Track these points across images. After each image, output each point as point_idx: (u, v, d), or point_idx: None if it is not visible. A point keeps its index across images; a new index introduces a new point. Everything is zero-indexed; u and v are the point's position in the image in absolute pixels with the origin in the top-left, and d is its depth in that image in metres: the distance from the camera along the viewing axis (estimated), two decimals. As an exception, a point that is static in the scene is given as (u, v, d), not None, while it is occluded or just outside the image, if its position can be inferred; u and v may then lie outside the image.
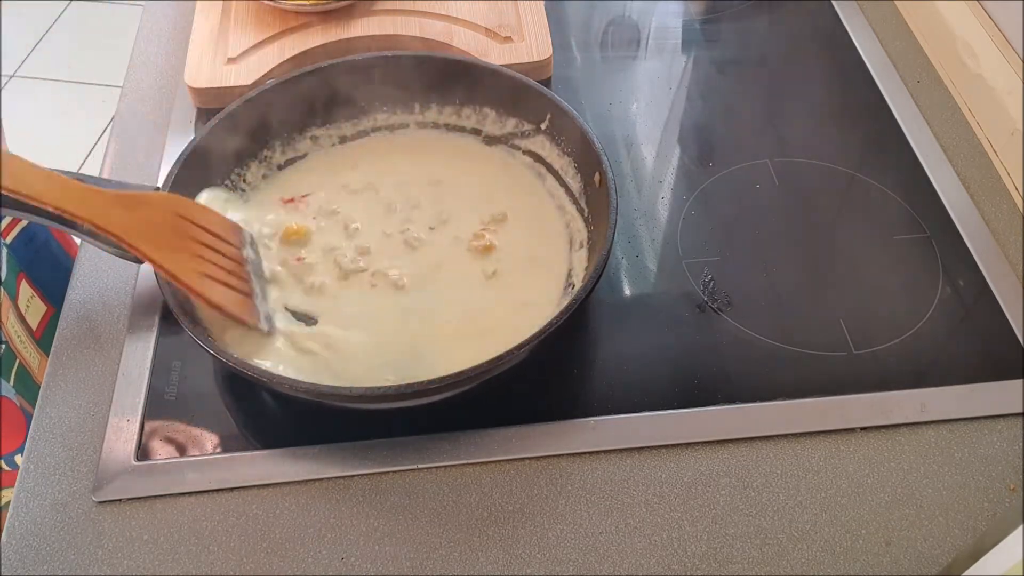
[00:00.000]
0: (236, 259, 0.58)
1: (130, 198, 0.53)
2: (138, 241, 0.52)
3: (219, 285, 0.55)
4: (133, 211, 0.52)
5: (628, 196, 0.70)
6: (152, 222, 0.53)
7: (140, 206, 0.53)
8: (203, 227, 0.56)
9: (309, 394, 0.50)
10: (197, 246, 0.55)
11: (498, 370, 0.51)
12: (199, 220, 0.56)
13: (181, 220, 0.55)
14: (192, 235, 0.55)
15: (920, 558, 0.51)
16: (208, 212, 0.58)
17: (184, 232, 0.55)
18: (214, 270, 0.55)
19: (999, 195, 0.70)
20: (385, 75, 0.67)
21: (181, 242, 0.54)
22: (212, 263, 0.55)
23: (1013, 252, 0.66)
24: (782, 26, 0.86)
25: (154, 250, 0.53)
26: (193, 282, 0.53)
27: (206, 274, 0.54)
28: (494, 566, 0.51)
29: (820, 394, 0.58)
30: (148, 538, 0.52)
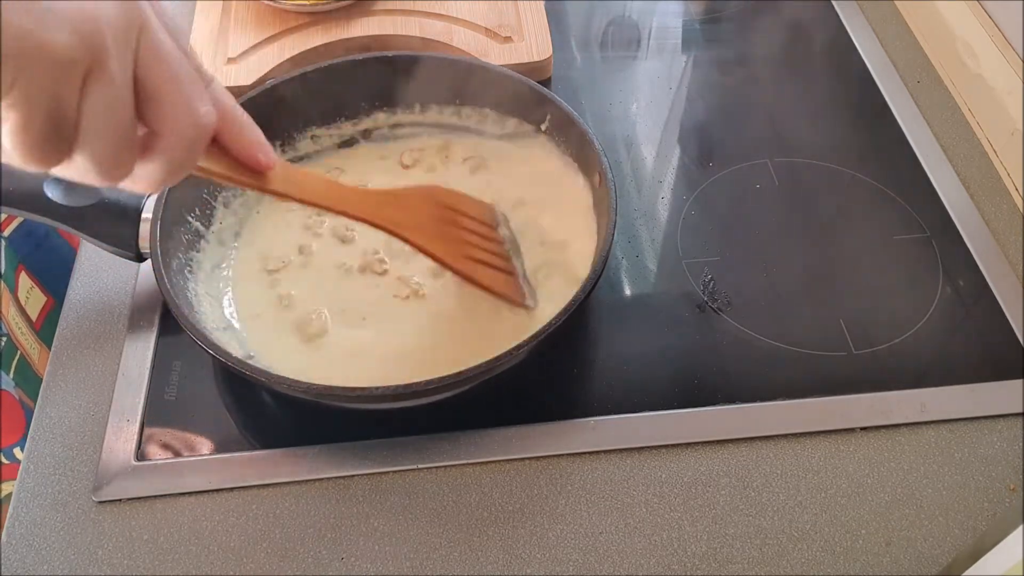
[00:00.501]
0: (496, 239, 0.59)
1: (393, 194, 0.54)
2: (412, 234, 0.53)
3: (488, 268, 0.56)
4: (401, 207, 0.53)
5: (628, 196, 0.70)
6: (417, 214, 0.54)
7: (403, 200, 0.54)
8: (463, 212, 0.57)
9: (308, 394, 0.50)
10: (461, 232, 0.56)
11: (498, 370, 0.51)
12: (458, 206, 0.57)
13: (441, 208, 0.56)
14: (454, 221, 0.56)
15: (920, 558, 0.51)
16: (464, 197, 0.58)
17: (447, 219, 0.56)
18: (480, 253, 0.56)
19: (999, 195, 0.70)
20: (385, 75, 0.67)
21: (447, 230, 0.55)
22: (477, 247, 0.56)
23: (1013, 252, 0.66)
24: (782, 26, 0.86)
25: (427, 241, 0.53)
26: (466, 268, 0.55)
27: (474, 258, 0.56)
28: (494, 566, 0.51)
29: (820, 394, 0.58)
30: (148, 538, 0.52)
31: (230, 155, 0.41)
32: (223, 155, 0.41)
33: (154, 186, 0.37)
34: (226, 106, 0.39)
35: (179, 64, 0.35)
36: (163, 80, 0.34)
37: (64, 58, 0.30)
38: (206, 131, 0.37)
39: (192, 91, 0.35)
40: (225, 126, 0.39)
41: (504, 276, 0.57)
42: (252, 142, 0.41)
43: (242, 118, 0.41)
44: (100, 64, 0.31)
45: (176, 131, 0.35)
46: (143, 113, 0.34)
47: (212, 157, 0.40)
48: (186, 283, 0.58)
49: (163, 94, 0.34)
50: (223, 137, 0.40)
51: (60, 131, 0.32)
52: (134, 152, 0.35)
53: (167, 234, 0.57)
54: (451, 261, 0.54)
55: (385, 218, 0.52)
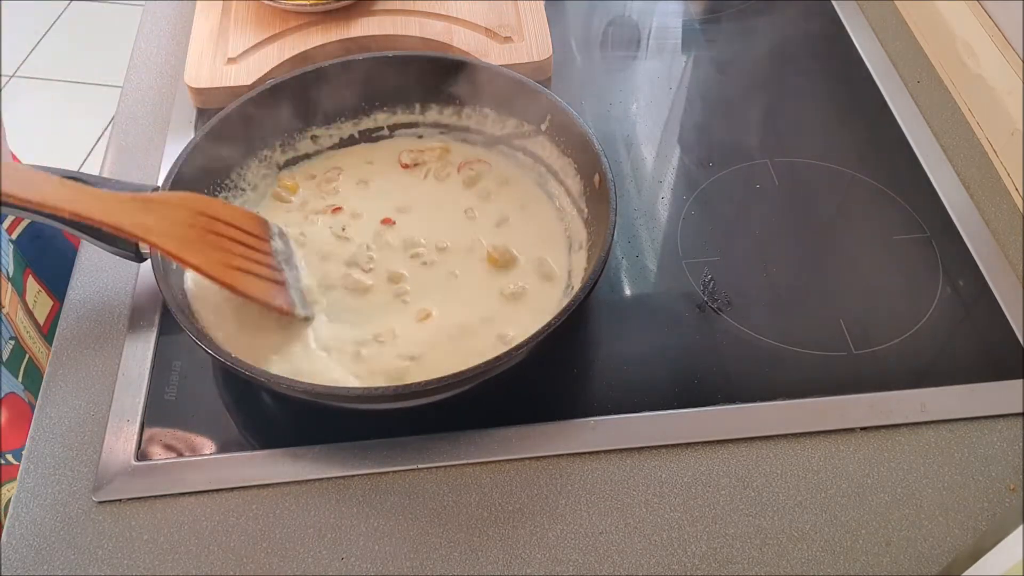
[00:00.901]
0: (263, 250, 0.58)
1: (148, 200, 0.54)
2: (159, 239, 0.52)
3: (249, 276, 0.55)
4: (153, 212, 0.53)
5: (628, 196, 0.70)
6: (173, 221, 0.54)
7: (159, 206, 0.54)
8: (226, 222, 0.57)
9: (308, 394, 0.50)
10: (221, 240, 0.56)
11: (498, 370, 0.51)
12: (221, 216, 0.57)
13: (202, 217, 0.56)
14: (215, 230, 0.56)
15: (920, 558, 0.51)
16: (229, 207, 0.59)
17: (207, 228, 0.55)
18: (241, 262, 0.56)
19: (999, 195, 0.70)
20: (385, 75, 0.67)
21: (205, 237, 0.55)
22: (239, 256, 0.56)
23: (1013, 252, 0.66)
24: (782, 26, 0.86)
25: (179, 247, 0.53)
26: (222, 274, 0.54)
27: (234, 266, 0.55)
28: (494, 566, 0.51)
29: (820, 394, 0.58)
30: (148, 538, 0.52)
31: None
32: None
33: None
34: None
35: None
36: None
37: None
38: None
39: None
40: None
41: (270, 285, 0.57)
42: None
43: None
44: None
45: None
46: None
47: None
48: (186, 283, 0.58)
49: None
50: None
51: None
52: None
53: (167, 234, 0.57)
54: (210, 270, 0.54)
55: (135, 224, 0.51)
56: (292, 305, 0.57)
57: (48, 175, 0.50)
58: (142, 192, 0.56)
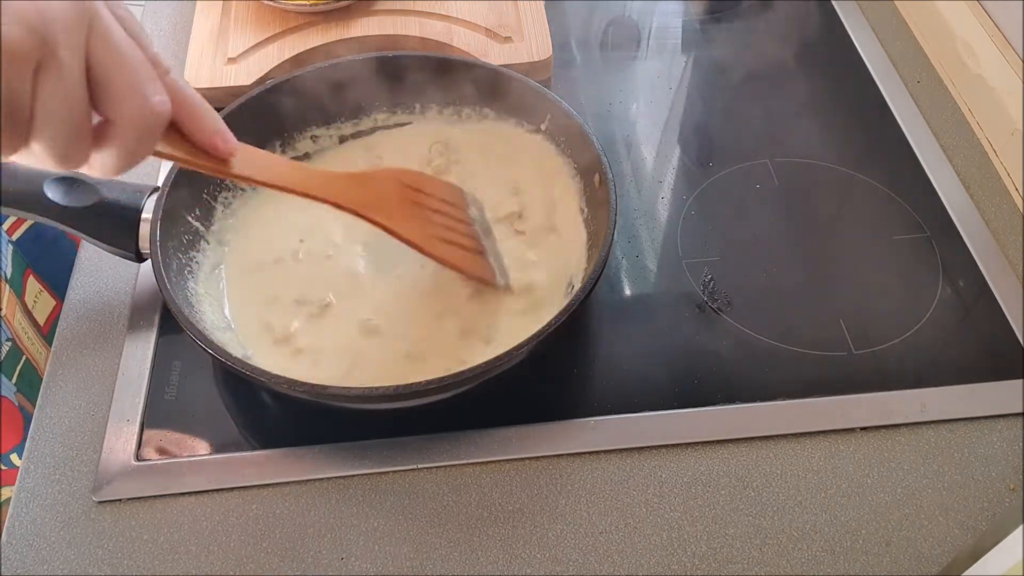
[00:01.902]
0: (464, 220, 0.59)
1: (362, 177, 0.54)
2: (375, 214, 0.53)
3: (455, 247, 0.56)
4: (365, 188, 0.53)
5: (628, 196, 0.70)
6: (383, 195, 0.54)
7: (369, 182, 0.54)
8: (430, 193, 0.57)
9: (308, 394, 0.50)
10: (427, 212, 0.56)
11: (498, 370, 0.51)
12: (424, 187, 0.57)
13: (408, 189, 0.56)
14: (421, 202, 0.56)
15: (920, 558, 0.51)
16: (430, 179, 0.59)
17: (414, 200, 0.56)
18: (447, 233, 0.56)
19: (999, 195, 0.70)
20: (385, 75, 0.67)
21: (412, 210, 0.55)
22: (444, 227, 0.56)
23: (1013, 252, 0.66)
24: (782, 26, 0.86)
25: (394, 223, 0.54)
26: (435, 248, 0.55)
27: (443, 238, 0.56)
28: (494, 566, 0.51)
29: (820, 394, 0.58)
30: (148, 538, 0.52)
31: (190, 141, 0.42)
32: (183, 141, 0.42)
33: (111, 172, 0.38)
34: (184, 94, 0.40)
35: (130, 54, 0.36)
36: (114, 70, 0.35)
37: (15, 50, 0.32)
38: (160, 119, 0.37)
39: (144, 80, 0.36)
40: (184, 113, 0.40)
41: (473, 256, 0.57)
42: (211, 129, 0.42)
43: (200, 106, 0.41)
44: (51, 56, 0.33)
45: (129, 119, 0.36)
46: (97, 102, 0.35)
47: (172, 143, 0.41)
48: (186, 283, 0.58)
49: (115, 83, 0.35)
50: (183, 124, 0.41)
51: (15, 120, 0.33)
52: (89, 140, 0.36)
53: (167, 234, 0.57)
54: (419, 242, 0.54)
55: (351, 200, 0.52)
56: (493, 274, 0.58)
57: (272, 155, 0.50)
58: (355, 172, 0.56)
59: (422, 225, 0.55)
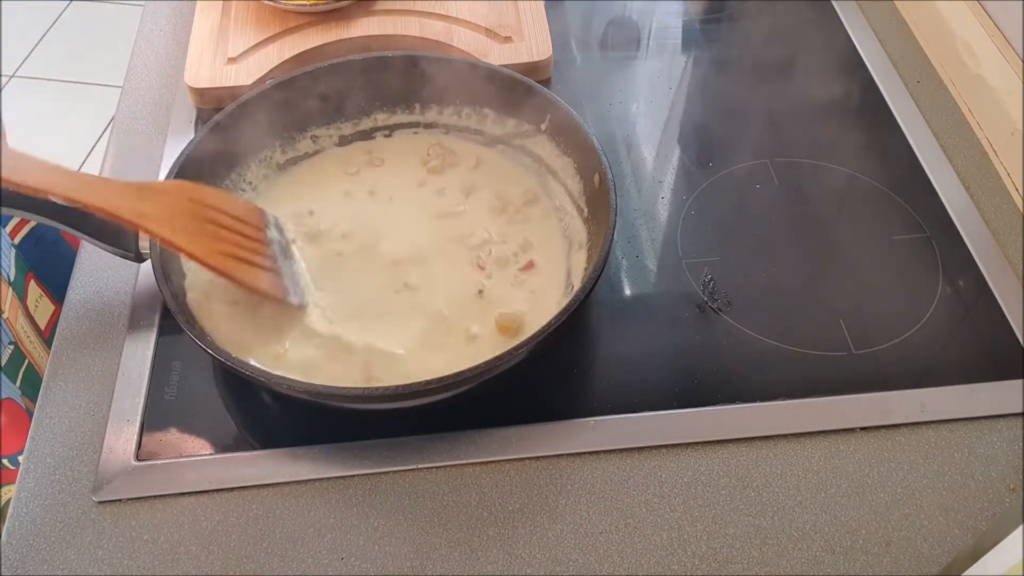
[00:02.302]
0: (259, 239, 0.58)
1: (145, 187, 0.54)
2: (155, 226, 0.52)
3: (242, 263, 0.55)
4: (149, 199, 0.53)
5: (628, 196, 0.70)
6: (169, 208, 0.54)
7: (155, 194, 0.54)
8: (221, 210, 0.57)
9: (307, 394, 0.50)
10: (217, 229, 0.56)
11: (498, 370, 0.51)
12: (217, 204, 0.57)
13: (198, 205, 0.56)
14: (211, 218, 0.56)
15: (920, 558, 0.51)
16: (225, 196, 0.59)
17: (203, 216, 0.55)
18: (237, 250, 0.56)
19: (999, 195, 0.70)
20: (385, 75, 0.67)
21: (200, 226, 0.55)
22: (234, 244, 0.56)
23: (1013, 252, 0.66)
24: (782, 26, 0.86)
25: (172, 234, 0.53)
26: (217, 262, 0.54)
27: (228, 253, 0.55)
28: (494, 566, 0.51)
29: (820, 394, 0.58)
30: (148, 538, 0.52)
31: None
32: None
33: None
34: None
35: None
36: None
37: None
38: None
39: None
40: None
41: (263, 273, 0.57)
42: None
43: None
44: None
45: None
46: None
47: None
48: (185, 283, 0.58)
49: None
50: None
51: None
52: None
53: (167, 234, 0.57)
54: (202, 255, 0.54)
55: (131, 210, 0.51)
56: (285, 292, 0.57)
57: (47, 162, 0.50)
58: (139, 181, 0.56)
59: (211, 241, 0.55)
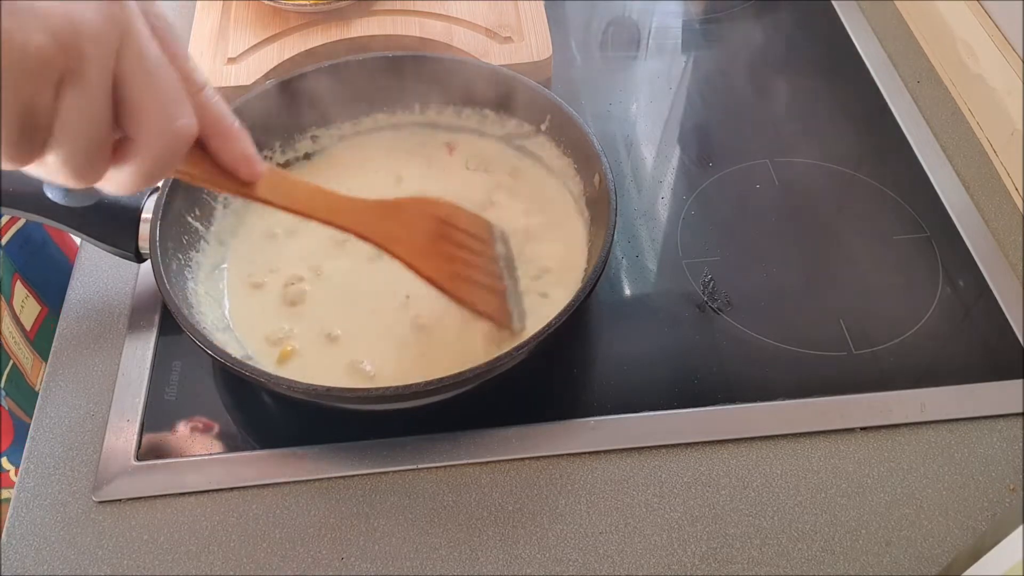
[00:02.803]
0: (489, 256, 0.57)
1: (387, 206, 0.53)
2: (402, 251, 0.52)
3: (477, 287, 0.55)
4: (391, 219, 0.52)
5: (628, 196, 0.70)
6: (414, 229, 0.53)
7: (401, 213, 0.53)
8: (455, 226, 0.56)
9: (307, 395, 0.50)
10: (452, 247, 0.55)
11: (498, 370, 0.51)
12: (453, 220, 0.56)
13: (437, 222, 0.55)
14: (447, 235, 0.55)
15: (920, 558, 0.51)
16: (462, 211, 0.57)
17: (441, 234, 0.55)
18: (469, 271, 0.55)
19: (999, 195, 0.70)
20: (385, 75, 0.67)
21: (440, 246, 0.54)
22: (467, 264, 0.55)
23: (1013, 252, 0.66)
24: (782, 26, 0.86)
25: (416, 258, 0.52)
26: (454, 287, 0.53)
27: (463, 276, 0.54)
28: (494, 566, 0.51)
29: (820, 394, 0.58)
30: (148, 538, 0.52)
31: (214, 161, 0.41)
32: (205, 160, 0.40)
33: (127, 190, 0.36)
34: (216, 114, 0.39)
35: (161, 74, 0.34)
36: (142, 90, 0.33)
37: (38, 60, 0.30)
38: (183, 143, 0.36)
39: (172, 102, 0.35)
40: (213, 134, 0.39)
41: (492, 296, 0.56)
42: (239, 154, 0.41)
43: (231, 129, 0.40)
44: (76, 68, 0.31)
45: (151, 141, 0.35)
46: (120, 119, 0.34)
47: (195, 162, 0.40)
48: (186, 283, 0.58)
49: (141, 104, 0.34)
50: (210, 144, 0.40)
51: (33, 131, 0.31)
52: (107, 157, 0.34)
53: (167, 234, 0.57)
54: (440, 280, 0.53)
55: (375, 231, 0.51)
56: (509, 318, 0.56)
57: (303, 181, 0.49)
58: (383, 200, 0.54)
59: (446, 262, 0.54)
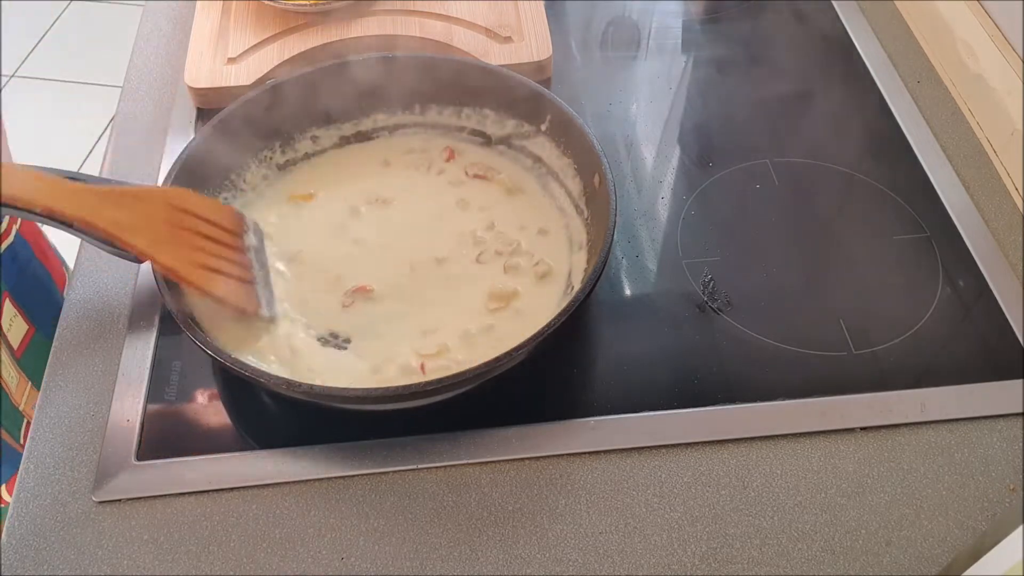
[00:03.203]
0: (236, 247, 0.57)
1: (122, 194, 0.53)
2: (131, 236, 0.51)
3: (218, 275, 0.54)
4: (125, 207, 0.52)
5: (628, 196, 0.70)
6: (146, 216, 0.53)
7: (133, 201, 0.53)
8: (200, 216, 0.56)
9: (306, 395, 0.50)
10: (194, 236, 0.54)
11: (498, 370, 0.51)
12: (196, 210, 0.56)
13: (177, 211, 0.54)
14: (189, 226, 0.55)
15: (920, 558, 0.51)
16: (206, 201, 0.57)
17: (180, 223, 0.54)
18: (212, 260, 0.55)
19: (999, 195, 0.70)
20: (385, 75, 0.67)
21: (177, 234, 0.54)
22: (210, 253, 0.55)
23: (1013, 252, 0.66)
24: (782, 26, 0.86)
25: (148, 244, 0.52)
26: (190, 274, 0.53)
27: (204, 264, 0.54)
28: (494, 566, 0.51)
29: (820, 394, 0.58)
30: (148, 538, 0.52)
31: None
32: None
33: None
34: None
35: None
36: None
37: None
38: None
39: None
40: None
41: (237, 284, 0.55)
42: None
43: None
44: None
45: None
46: None
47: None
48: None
49: None
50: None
51: None
52: None
53: (167, 234, 0.57)
54: (174, 267, 0.53)
55: (107, 220, 0.50)
56: (257, 305, 0.56)
57: (29, 170, 0.48)
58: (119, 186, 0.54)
59: (186, 251, 0.53)
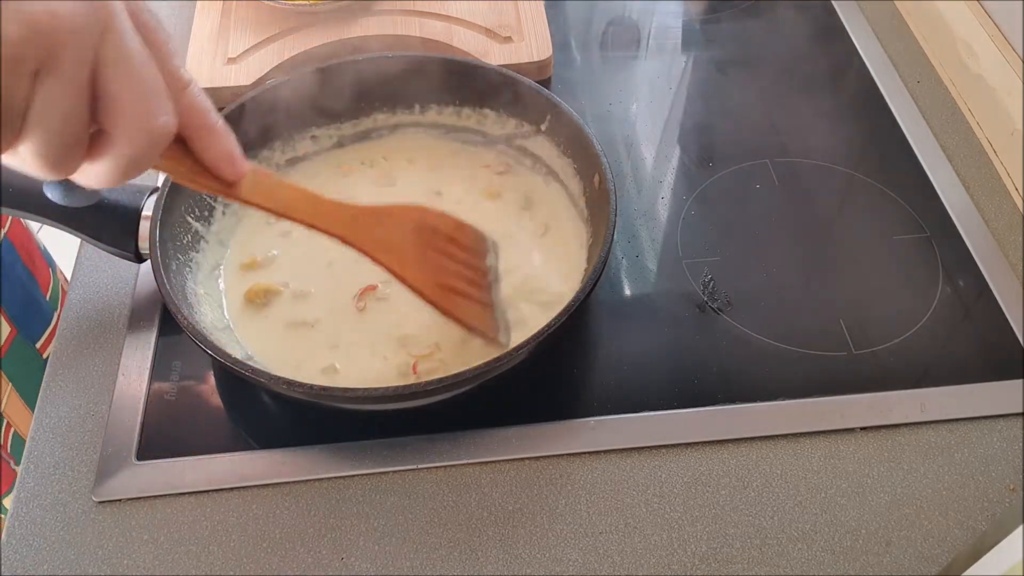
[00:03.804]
0: (478, 268, 0.56)
1: (374, 212, 0.52)
2: (388, 258, 0.51)
3: (462, 299, 0.54)
4: (378, 224, 0.51)
5: (628, 196, 0.70)
6: (397, 234, 0.52)
7: (385, 218, 0.52)
8: (450, 237, 0.55)
9: (307, 394, 0.50)
10: (439, 256, 0.54)
11: (498, 370, 0.51)
12: (444, 229, 0.55)
13: (426, 231, 0.54)
14: (437, 246, 0.54)
15: (920, 558, 0.51)
16: (453, 221, 0.56)
17: (429, 243, 0.53)
18: (457, 282, 0.54)
19: (999, 195, 0.70)
20: (385, 75, 0.67)
21: (424, 253, 0.53)
22: (456, 275, 0.54)
23: (1013, 252, 0.66)
24: (782, 26, 0.87)
25: (401, 265, 0.52)
26: (440, 298, 0.52)
27: (450, 287, 0.53)
28: (494, 566, 0.51)
29: (820, 394, 0.58)
30: (148, 538, 0.52)
31: (196, 159, 0.40)
32: (187, 158, 0.40)
33: (101, 183, 0.36)
34: (200, 112, 0.39)
35: (142, 70, 0.34)
36: (121, 85, 0.33)
37: (13, 49, 0.30)
38: (160, 141, 0.36)
39: (151, 98, 0.35)
40: (196, 133, 0.39)
41: (480, 309, 0.55)
42: (221, 153, 0.41)
43: (215, 126, 0.40)
44: (54, 60, 0.31)
45: (128, 137, 0.35)
46: (97, 113, 0.34)
47: (176, 159, 0.40)
48: (185, 283, 0.58)
49: (119, 99, 0.34)
50: (193, 143, 0.39)
51: (6, 120, 0.32)
52: (81, 150, 0.34)
53: (167, 234, 0.57)
54: (425, 290, 0.52)
55: (360, 237, 0.50)
56: (495, 331, 0.55)
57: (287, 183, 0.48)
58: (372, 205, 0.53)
59: (433, 272, 0.53)
